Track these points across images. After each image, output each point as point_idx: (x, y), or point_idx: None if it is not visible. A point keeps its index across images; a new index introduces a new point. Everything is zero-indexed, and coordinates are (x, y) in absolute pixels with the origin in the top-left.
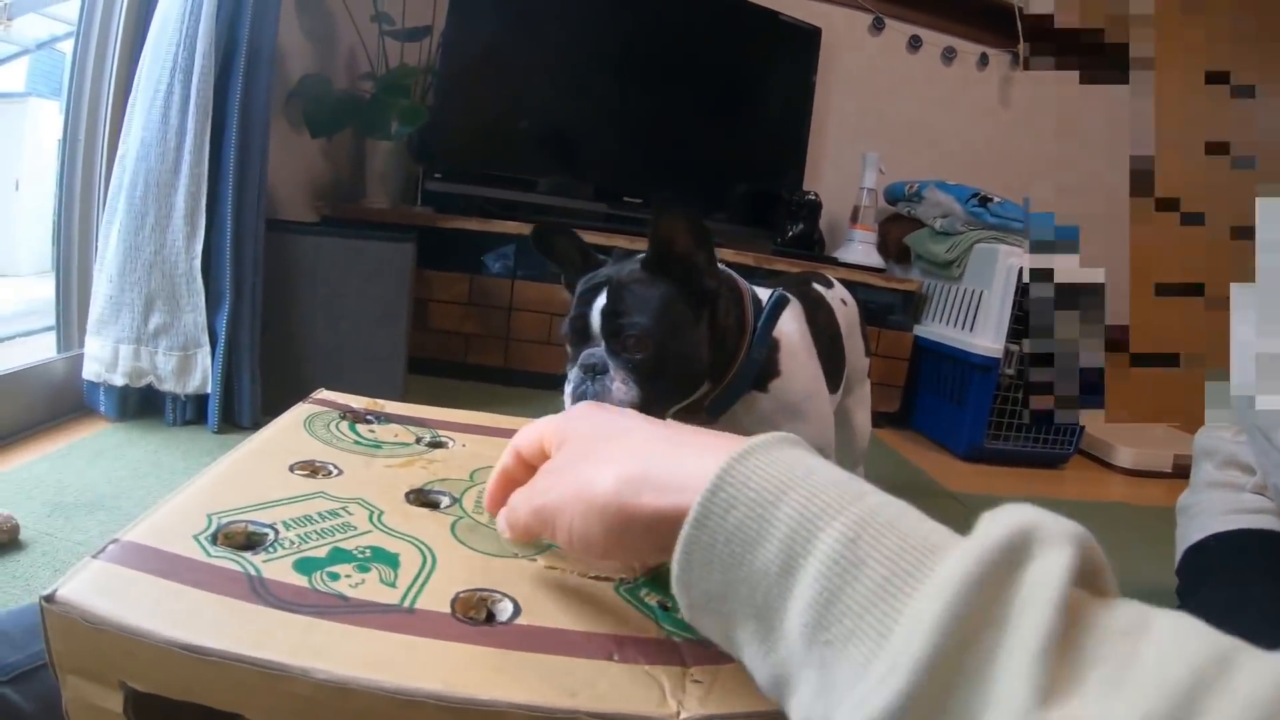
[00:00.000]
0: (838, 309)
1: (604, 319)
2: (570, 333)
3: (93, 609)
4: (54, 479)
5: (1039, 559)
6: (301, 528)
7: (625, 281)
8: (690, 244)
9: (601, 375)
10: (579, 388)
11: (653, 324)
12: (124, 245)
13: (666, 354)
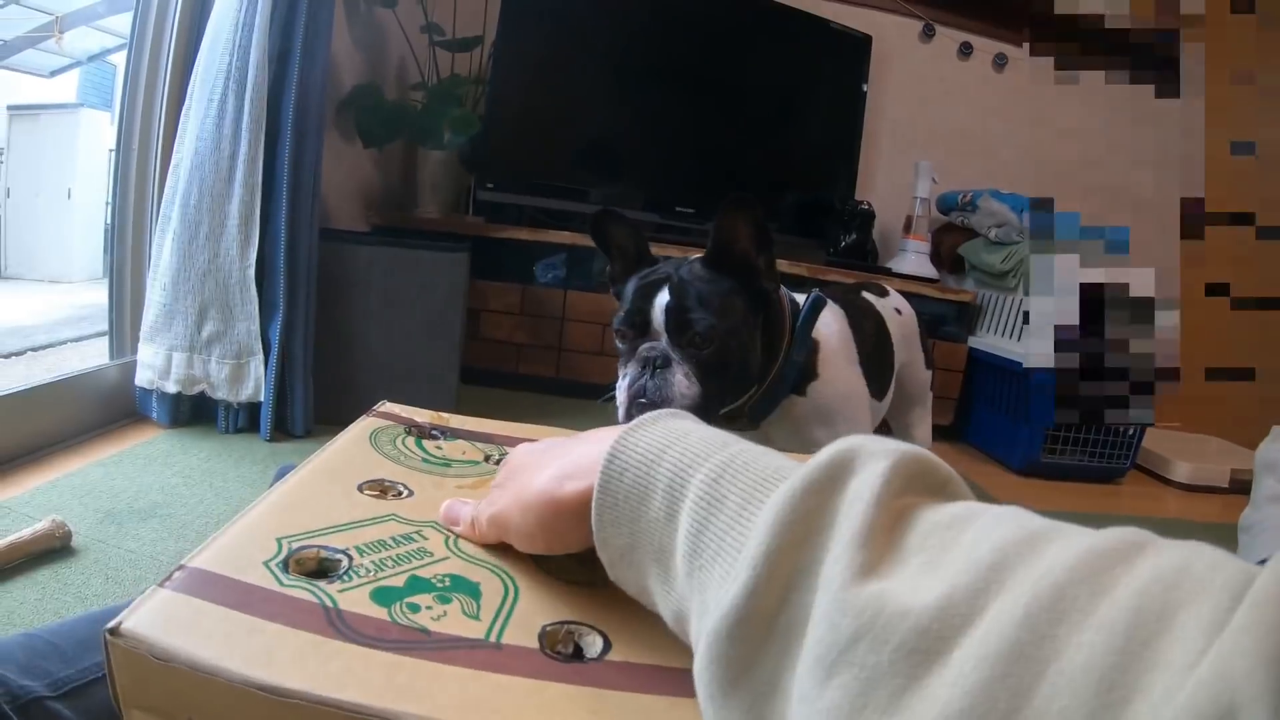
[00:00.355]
0: (890, 318)
1: (669, 313)
2: (627, 327)
3: (162, 644)
4: (106, 486)
5: (861, 471)
6: (376, 554)
7: (689, 278)
8: (751, 244)
9: (663, 369)
10: (637, 382)
11: (718, 320)
12: (178, 254)
13: (729, 352)
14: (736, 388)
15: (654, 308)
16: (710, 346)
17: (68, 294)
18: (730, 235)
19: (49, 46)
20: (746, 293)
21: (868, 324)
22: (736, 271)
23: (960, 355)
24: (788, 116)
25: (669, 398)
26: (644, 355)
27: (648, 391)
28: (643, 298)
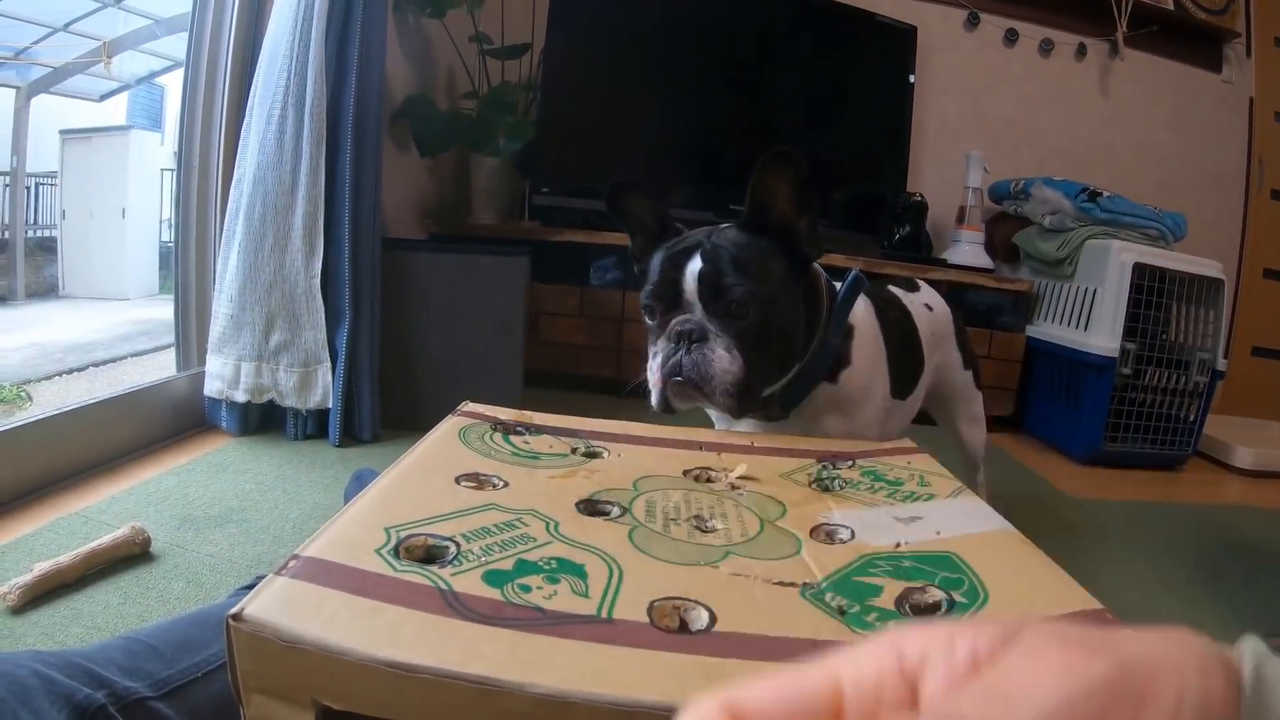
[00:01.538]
0: (919, 314)
1: (701, 281)
2: (655, 300)
3: (287, 627)
4: (181, 493)
5: None
6: (481, 540)
7: (723, 244)
8: (791, 204)
9: (699, 344)
10: (672, 358)
11: (758, 284)
12: (244, 266)
13: (771, 320)
14: (778, 365)
15: (685, 276)
16: (750, 315)
17: (125, 310)
18: (769, 195)
19: (98, 71)
20: (787, 258)
21: (893, 315)
22: (776, 235)
23: (1018, 345)
24: (837, 111)
25: (709, 375)
26: (677, 330)
27: (684, 369)
28: (672, 267)
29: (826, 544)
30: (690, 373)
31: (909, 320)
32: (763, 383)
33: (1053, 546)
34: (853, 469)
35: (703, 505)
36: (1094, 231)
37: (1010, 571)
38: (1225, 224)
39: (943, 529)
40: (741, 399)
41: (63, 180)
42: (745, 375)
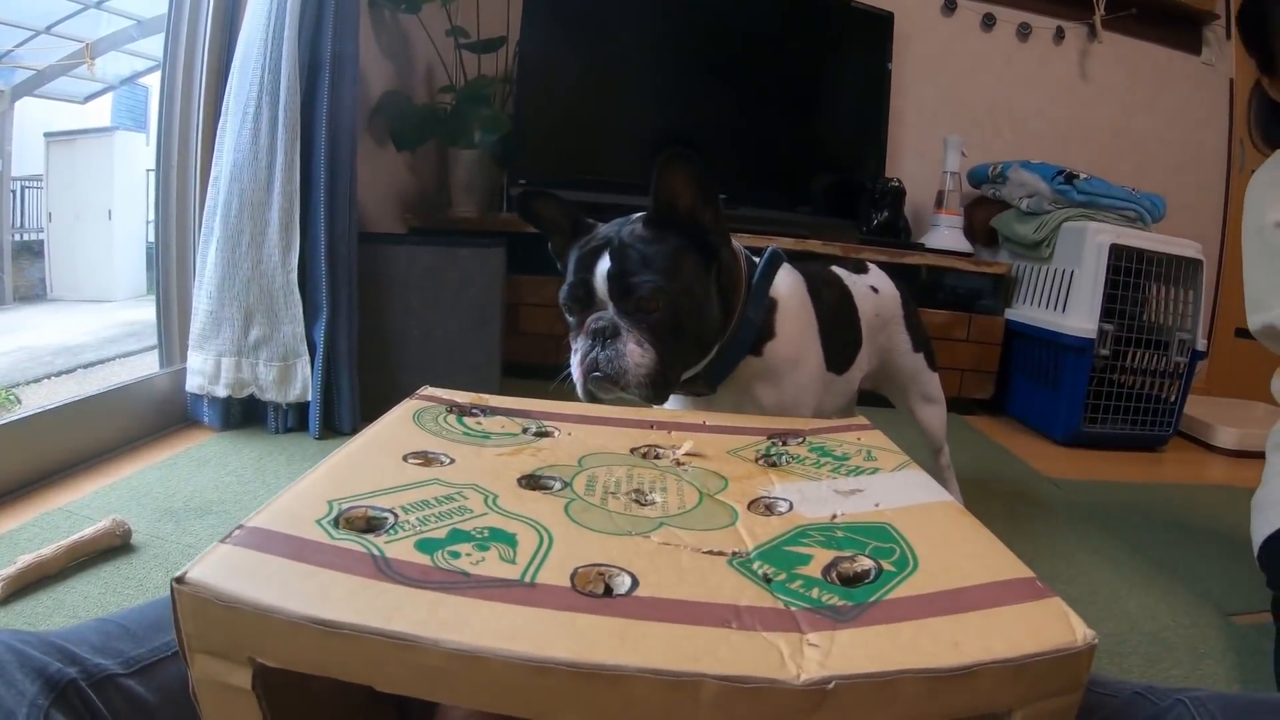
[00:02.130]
0: (862, 294)
1: (610, 280)
2: (570, 300)
3: (225, 588)
4: (163, 487)
5: None
6: (420, 511)
7: (629, 240)
8: (695, 199)
9: (613, 340)
10: (589, 355)
11: (664, 280)
12: (222, 262)
13: (681, 311)
14: (695, 350)
15: (595, 276)
16: (659, 309)
17: (112, 312)
18: (671, 192)
19: (81, 73)
20: (696, 249)
21: (828, 293)
22: (682, 229)
23: (997, 328)
24: (814, 98)
25: (624, 369)
26: (592, 327)
27: (600, 365)
28: (584, 267)
29: (763, 516)
30: (606, 367)
31: (848, 299)
32: (679, 369)
33: (1031, 527)
34: (802, 445)
35: (644, 480)
36: (1071, 214)
37: (944, 541)
38: (1206, 206)
39: (882, 501)
40: (656, 388)
41: (48, 183)
42: (658, 365)
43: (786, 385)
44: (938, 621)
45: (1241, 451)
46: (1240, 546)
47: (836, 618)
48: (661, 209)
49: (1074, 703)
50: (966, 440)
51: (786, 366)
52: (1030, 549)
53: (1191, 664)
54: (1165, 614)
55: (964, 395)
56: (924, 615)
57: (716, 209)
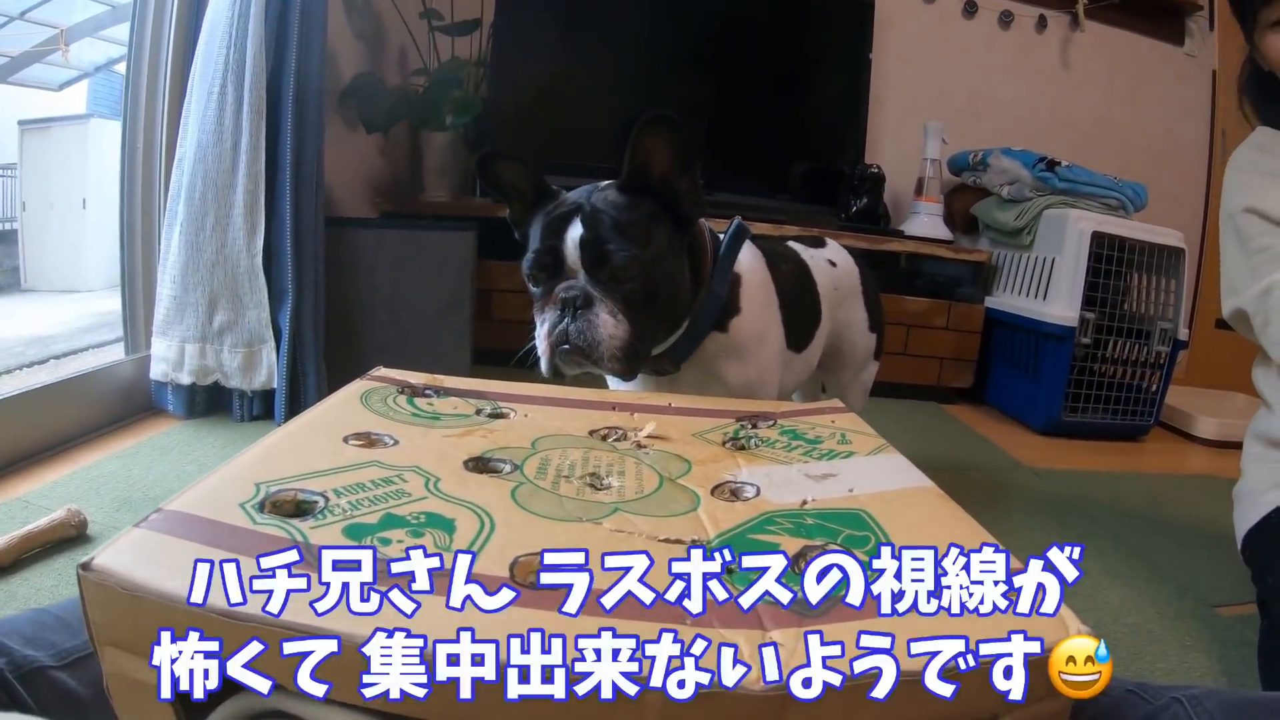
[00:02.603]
0: (820, 268)
1: (583, 247)
2: (536, 268)
3: (129, 575)
4: (123, 476)
5: None
6: (353, 495)
7: (601, 206)
8: (671, 165)
9: (584, 310)
10: (558, 326)
11: (639, 248)
12: (186, 246)
13: (655, 282)
14: (666, 323)
15: (566, 242)
16: (633, 280)
17: (86, 302)
18: (647, 157)
19: (55, 60)
20: (670, 218)
21: (786, 268)
22: (656, 196)
23: (977, 316)
24: (793, 84)
25: (596, 340)
26: (561, 297)
27: (570, 336)
28: (553, 234)
29: (728, 501)
30: (577, 339)
31: (806, 274)
32: (650, 343)
33: (1011, 517)
34: (772, 428)
35: (601, 463)
36: (1052, 201)
37: (922, 529)
38: (1188, 196)
39: (856, 486)
40: (629, 361)
41: (22, 172)
42: (632, 338)
43: (751, 363)
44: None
45: (1222, 442)
46: (1223, 537)
47: (804, 613)
48: (636, 174)
49: (1065, 706)
50: (946, 429)
51: (752, 343)
52: (1011, 539)
53: (1177, 656)
54: (1149, 606)
55: (943, 384)
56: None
57: (693, 178)
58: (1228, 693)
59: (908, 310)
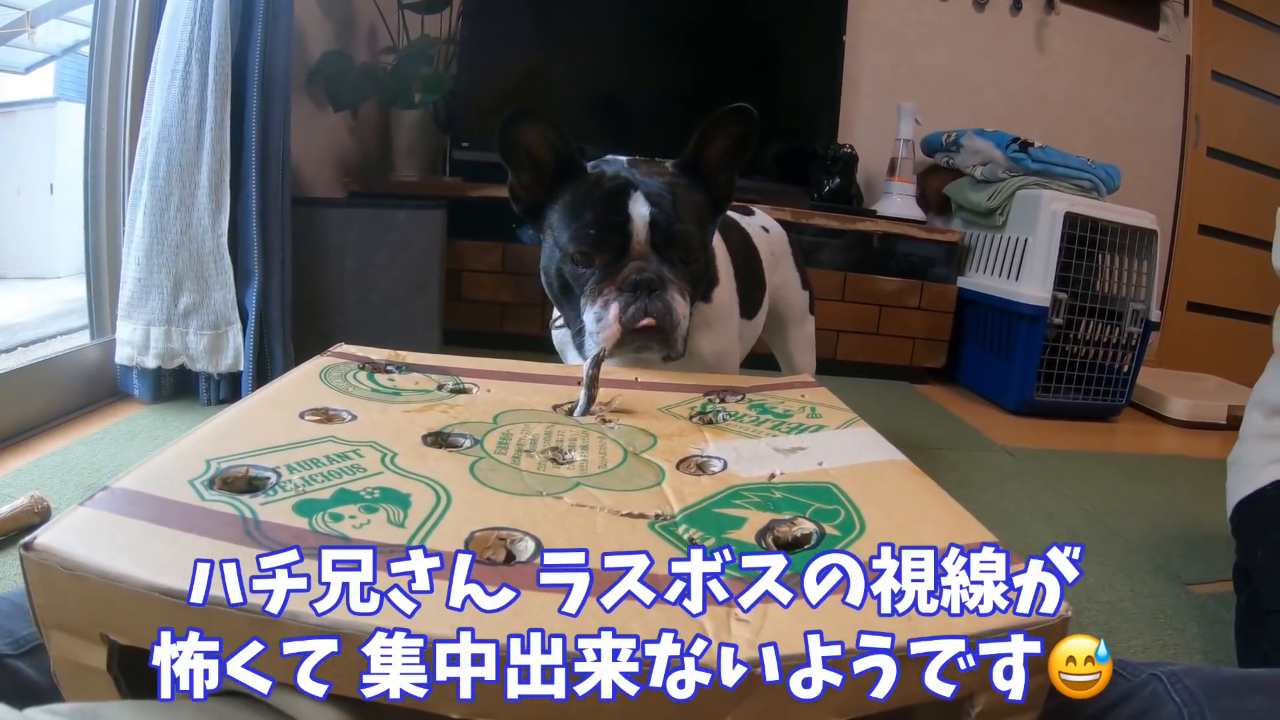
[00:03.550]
0: (757, 235)
1: (655, 228)
2: (597, 247)
3: (71, 555)
4: (88, 462)
5: None
6: (306, 470)
7: (660, 186)
8: (726, 156)
9: (660, 291)
10: (630, 306)
11: (701, 233)
12: (150, 227)
13: (703, 267)
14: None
15: (634, 220)
16: (696, 261)
17: (54, 289)
18: (711, 143)
19: (22, 42)
20: (707, 202)
21: (734, 237)
22: (701, 181)
23: (950, 296)
24: (768, 64)
25: (674, 323)
26: (634, 279)
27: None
28: (614, 209)
29: (694, 475)
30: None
31: (749, 242)
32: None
33: (984, 496)
34: (741, 402)
35: (564, 438)
36: (1025, 182)
37: (894, 502)
38: (1160, 179)
39: (826, 460)
40: (687, 342)
41: None
42: (689, 319)
43: (723, 333)
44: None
45: (1193, 423)
46: (1196, 516)
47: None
48: (695, 156)
49: (1042, 685)
50: (918, 408)
51: (725, 312)
52: (984, 517)
53: (1152, 634)
54: (1123, 584)
55: (916, 364)
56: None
57: (734, 173)
58: (1206, 669)
59: (880, 290)
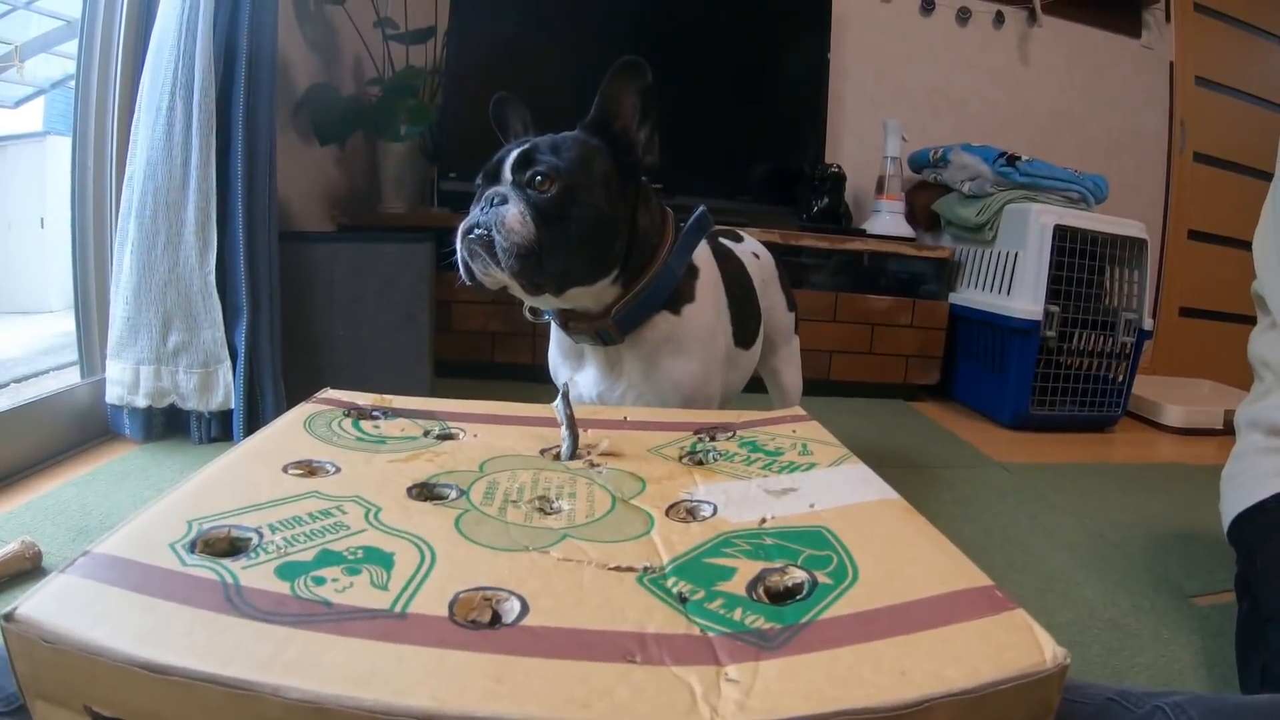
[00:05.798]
0: (749, 263)
1: (517, 159)
2: (482, 176)
3: (52, 626)
4: (79, 504)
5: None
6: (289, 530)
7: (558, 137)
8: (633, 112)
9: (500, 205)
10: (472, 220)
11: (564, 164)
12: (138, 266)
13: (574, 202)
14: (584, 250)
15: (508, 156)
16: (552, 190)
17: (46, 324)
18: (614, 103)
19: (10, 76)
20: (616, 162)
21: (731, 267)
22: (613, 140)
23: (941, 313)
24: (752, 87)
25: (500, 232)
26: (484, 195)
27: (480, 224)
28: (506, 152)
29: (683, 522)
30: (485, 225)
31: (745, 272)
32: (558, 261)
33: (982, 513)
34: (731, 439)
35: (551, 485)
36: (1013, 195)
37: (888, 546)
38: (1148, 187)
39: (817, 501)
40: (526, 264)
41: None
42: (535, 242)
43: (697, 357)
44: (881, 645)
45: (1190, 430)
46: (1196, 526)
47: (762, 644)
48: (599, 118)
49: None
50: (914, 426)
51: (702, 333)
52: (982, 536)
53: (1155, 651)
54: (1124, 599)
55: (909, 381)
56: (865, 638)
57: (652, 129)
58: (1210, 697)
59: (872, 309)
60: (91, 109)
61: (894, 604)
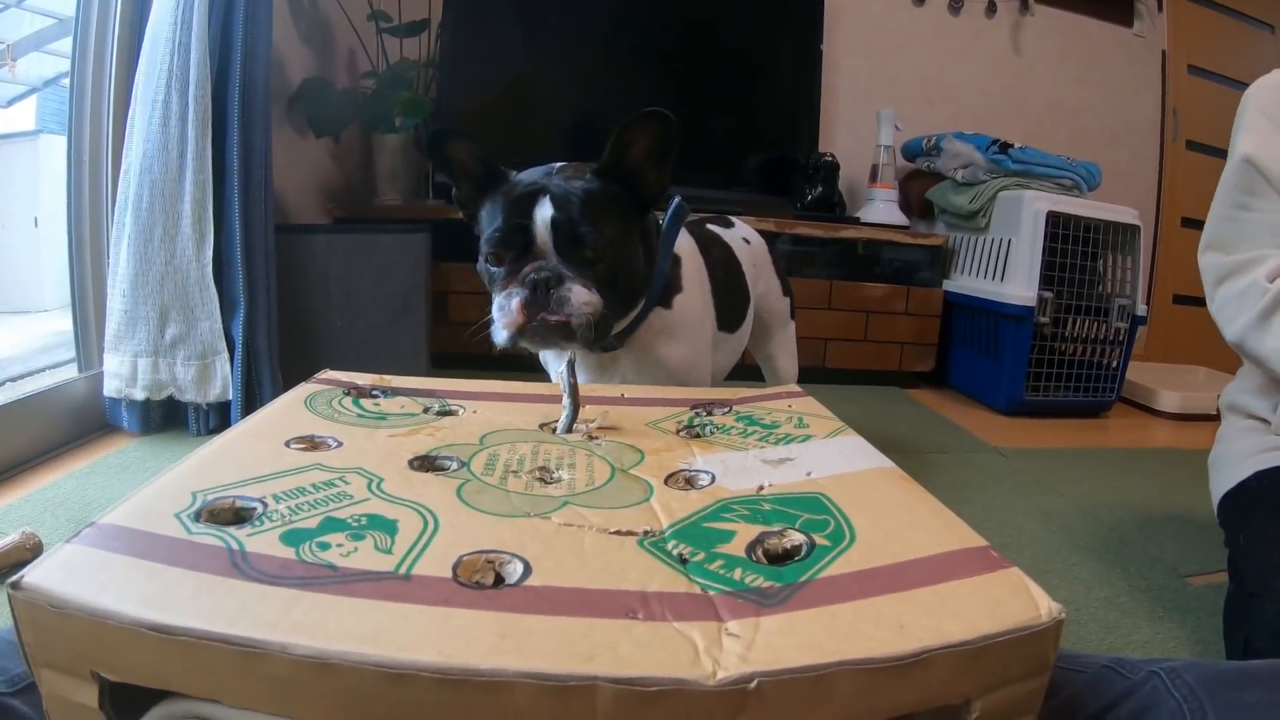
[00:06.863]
0: (738, 248)
1: (555, 228)
2: (501, 246)
3: (58, 592)
4: (78, 496)
5: None
6: (292, 500)
7: (569, 188)
8: (649, 156)
9: (557, 288)
10: (531, 299)
11: (610, 234)
12: (134, 259)
13: (620, 263)
14: (627, 302)
15: (536, 222)
16: (603, 261)
17: (41, 323)
18: (629, 146)
19: (3, 75)
20: (631, 202)
21: (715, 251)
22: (624, 180)
23: (936, 300)
24: (746, 78)
25: (571, 311)
26: (532, 279)
27: (550, 308)
28: (519, 213)
29: (682, 490)
30: (554, 313)
31: (731, 255)
32: (615, 318)
33: (978, 497)
34: (728, 414)
35: (551, 457)
36: (1007, 183)
37: (884, 510)
38: (1141, 174)
39: (814, 470)
40: (600, 331)
41: None
42: (604, 309)
43: (688, 342)
44: (879, 601)
45: (1184, 415)
46: (1190, 508)
47: (762, 602)
48: (613, 160)
49: (1040, 687)
50: (909, 413)
51: (694, 319)
52: (979, 519)
53: (1151, 628)
54: (1120, 579)
55: (905, 368)
56: (863, 595)
57: (664, 172)
58: (1206, 664)
59: (867, 297)
60: (86, 104)
61: (891, 563)
